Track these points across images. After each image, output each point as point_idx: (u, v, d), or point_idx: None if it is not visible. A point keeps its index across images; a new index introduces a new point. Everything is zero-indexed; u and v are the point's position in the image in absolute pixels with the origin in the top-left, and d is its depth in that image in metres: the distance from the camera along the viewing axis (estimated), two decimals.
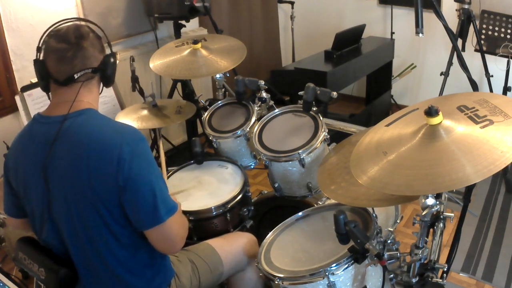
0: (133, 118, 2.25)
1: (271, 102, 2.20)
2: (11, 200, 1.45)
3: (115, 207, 1.29)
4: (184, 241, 1.41)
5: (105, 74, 1.39)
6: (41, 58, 1.34)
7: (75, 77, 1.32)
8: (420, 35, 1.73)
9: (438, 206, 1.30)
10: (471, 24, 3.10)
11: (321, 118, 1.97)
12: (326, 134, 1.93)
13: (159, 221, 1.30)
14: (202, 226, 1.84)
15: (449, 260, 1.90)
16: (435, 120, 1.25)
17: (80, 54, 1.31)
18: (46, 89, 1.38)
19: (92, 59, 1.34)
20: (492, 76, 3.21)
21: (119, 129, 1.33)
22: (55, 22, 1.37)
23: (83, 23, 1.39)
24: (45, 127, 1.33)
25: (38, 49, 1.35)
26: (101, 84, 1.43)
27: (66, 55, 1.29)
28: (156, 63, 2.31)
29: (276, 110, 2.12)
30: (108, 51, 1.41)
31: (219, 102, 2.31)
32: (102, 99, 2.63)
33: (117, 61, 1.43)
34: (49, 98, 1.39)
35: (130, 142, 1.28)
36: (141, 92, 2.77)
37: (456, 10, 3.28)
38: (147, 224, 1.30)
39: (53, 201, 1.32)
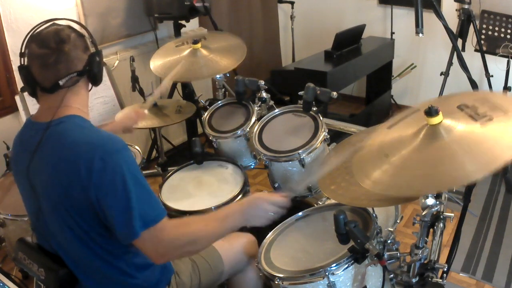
0: None
1: (271, 102, 2.20)
2: None
3: (93, 220, 1.26)
4: (167, 258, 1.34)
5: (91, 74, 1.35)
6: (25, 64, 1.31)
7: (60, 84, 1.29)
8: (420, 35, 1.74)
9: (438, 206, 1.30)
10: (471, 24, 3.09)
11: (321, 118, 1.97)
12: (326, 134, 1.93)
13: (133, 237, 1.22)
14: None
15: (449, 260, 1.90)
16: (435, 120, 1.25)
17: (63, 59, 1.28)
18: (33, 95, 1.35)
19: (76, 62, 1.31)
20: (492, 76, 3.21)
21: (94, 141, 1.26)
22: (34, 27, 1.32)
23: (63, 24, 1.34)
24: (31, 133, 1.32)
25: (22, 55, 1.32)
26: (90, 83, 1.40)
27: (49, 61, 1.26)
28: (156, 64, 2.31)
29: (276, 110, 2.12)
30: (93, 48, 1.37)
31: (219, 102, 2.31)
32: (102, 99, 2.63)
33: (105, 59, 1.39)
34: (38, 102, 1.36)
35: (102, 155, 1.22)
36: (141, 92, 2.77)
37: (456, 10, 3.28)
38: (123, 239, 1.24)
39: (41, 207, 1.32)
